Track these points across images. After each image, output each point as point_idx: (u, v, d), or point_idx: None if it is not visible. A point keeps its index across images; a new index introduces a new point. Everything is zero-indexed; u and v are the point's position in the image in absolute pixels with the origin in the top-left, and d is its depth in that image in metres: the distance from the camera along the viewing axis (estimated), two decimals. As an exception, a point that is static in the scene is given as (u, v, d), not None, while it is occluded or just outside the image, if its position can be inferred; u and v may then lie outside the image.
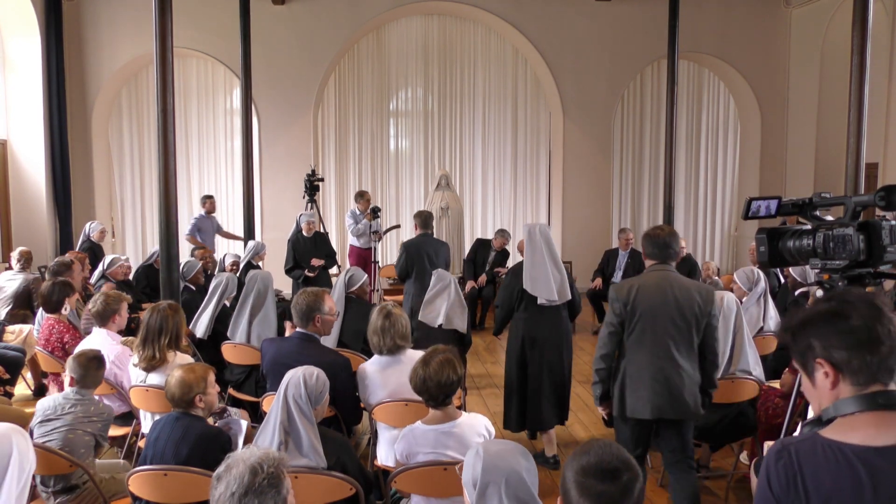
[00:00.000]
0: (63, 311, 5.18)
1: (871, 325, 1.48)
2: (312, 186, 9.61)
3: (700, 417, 3.74)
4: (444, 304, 5.12)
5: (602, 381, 3.71)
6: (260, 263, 7.97)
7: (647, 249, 3.72)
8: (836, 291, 1.59)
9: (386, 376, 3.80)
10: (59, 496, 3.39)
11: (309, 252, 8.05)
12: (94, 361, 3.63)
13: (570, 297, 4.86)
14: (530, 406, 4.91)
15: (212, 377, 3.21)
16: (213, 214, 9.91)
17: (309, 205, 9.48)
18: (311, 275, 7.88)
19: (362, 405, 4.03)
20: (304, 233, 8.13)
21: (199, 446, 3.00)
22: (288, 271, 8.10)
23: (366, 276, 5.49)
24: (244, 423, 3.33)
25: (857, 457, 1.43)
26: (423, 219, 6.83)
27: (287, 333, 4.42)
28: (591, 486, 1.66)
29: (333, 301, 4.20)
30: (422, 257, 6.49)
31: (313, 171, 9.86)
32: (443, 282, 5.18)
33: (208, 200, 9.80)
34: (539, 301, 4.79)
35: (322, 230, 8.59)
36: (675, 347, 3.56)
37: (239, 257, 7.91)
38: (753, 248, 4.15)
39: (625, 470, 1.68)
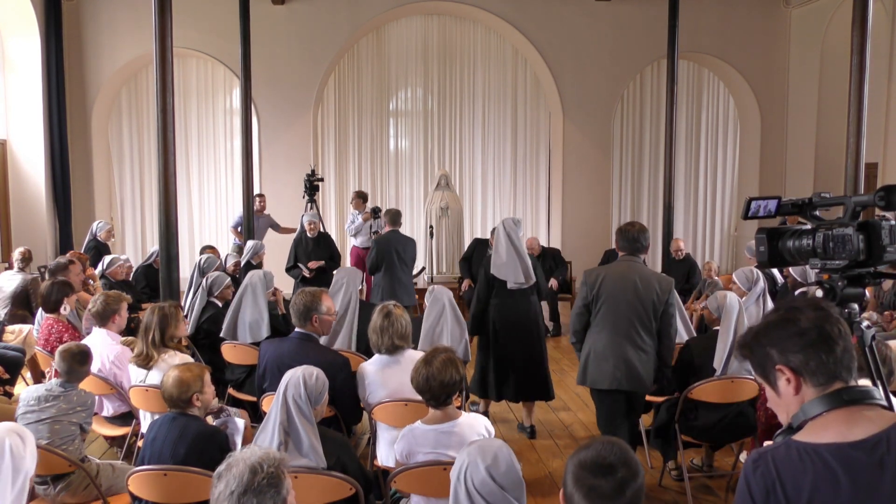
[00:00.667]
0: (62, 311, 5.17)
1: (821, 325, 1.52)
2: (312, 186, 9.57)
3: (649, 390, 4.26)
4: (442, 334, 4.72)
5: (580, 352, 4.32)
6: (260, 263, 7.97)
7: (619, 243, 4.20)
8: (784, 301, 1.61)
9: (386, 376, 3.81)
10: (56, 483, 3.40)
11: (310, 252, 8.03)
12: (78, 357, 3.60)
13: (534, 279, 5.29)
14: (509, 381, 5.30)
15: (208, 376, 3.22)
16: (266, 213, 9.88)
17: (309, 205, 9.45)
18: (307, 275, 7.86)
19: (362, 405, 4.03)
20: (308, 233, 8.11)
21: (197, 445, 3.00)
22: (287, 270, 8.10)
23: (360, 275, 5.53)
24: (241, 423, 3.33)
25: (832, 455, 1.45)
26: (392, 216, 7.32)
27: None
28: (585, 480, 1.69)
29: (332, 301, 4.20)
30: (391, 253, 7.05)
31: (313, 171, 9.82)
32: (438, 305, 4.76)
33: (259, 199, 9.73)
34: (509, 285, 5.24)
35: (321, 230, 8.57)
36: (634, 329, 4.07)
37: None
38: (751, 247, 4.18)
39: (621, 467, 1.69)
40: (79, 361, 3.60)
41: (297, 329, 4.04)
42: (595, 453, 1.72)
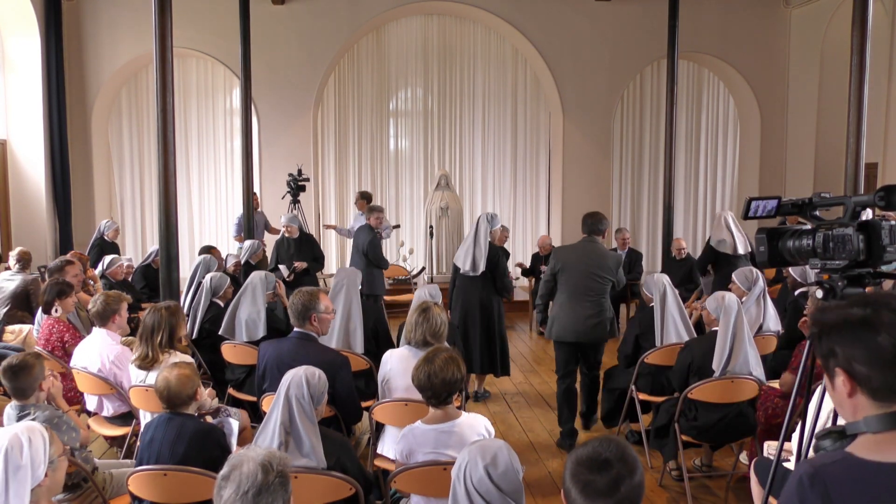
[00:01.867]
0: (53, 313, 5.11)
1: None
2: (298, 187, 9.36)
3: (605, 339, 5.19)
4: None
5: (540, 312, 5.31)
6: (261, 262, 7.96)
7: (583, 227, 5.22)
8: (874, 297, 1.43)
9: (409, 365, 3.81)
10: (62, 492, 3.38)
11: (292, 254, 7.87)
12: (7, 372, 3.27)
13: (480, 269, 5.93)
14: (466, 352, 5.95)
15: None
16: (260, 210, 9.81)
17: (291, 206, 9.31)
18: (287, 278, 7.65)
19: (368, 403, 4.03)
20: (287, 235, 7.98)
21: (195, 443, 3.00)
22: (269, 272, 8.02)
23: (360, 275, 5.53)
24: (236, 424, 3.33)
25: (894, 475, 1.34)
26: (375, 212, 8.11)
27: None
28: (582, 475, 1.69)
29: (329, 300, 4.21)
30: (354, 245, 8.07)
31: (299, 171, 9.57)
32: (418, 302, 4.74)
33: (252, 197, 9.62)
34: (462, 271, 6.02)
35: (304, 231, 8.42)
36: (588, 294, 5.03)
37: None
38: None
39: (617, 463, 1.69)
40: (13, 374, 3.24)
41: (295, 329, 4.05)
42: (592, 450, 1.71)
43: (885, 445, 1.38)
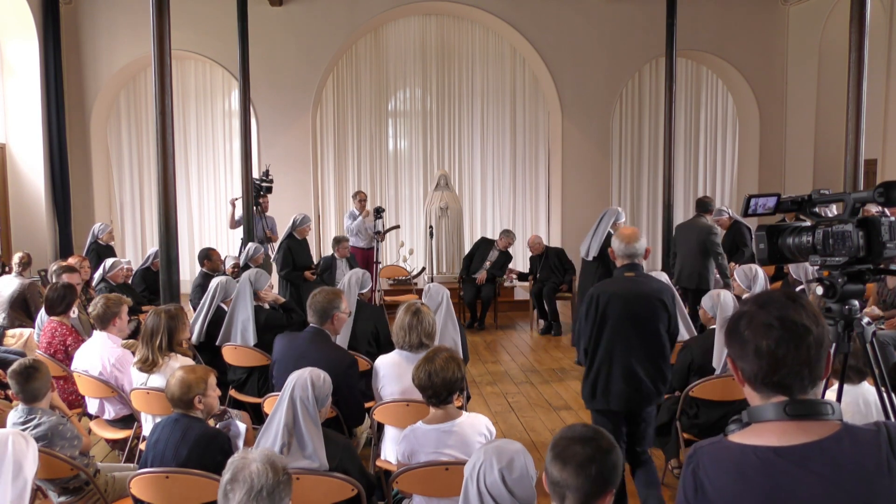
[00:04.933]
0: (71, 315, 5.16)
1: (760, 344, 1.47)
2: (260, 189, 9.01)
3: (706, 288, 6.88)
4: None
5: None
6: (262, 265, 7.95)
7: (696, 208, 7.59)
8: (771, 296, 1.52)
9: (402, 371, 3.82)
10: (65, 495, 3.39)
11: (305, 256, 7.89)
12: (22, 375, 3.30)
13: (591, 256, 7.00)
14: None
15: (212, 380, 3.20)
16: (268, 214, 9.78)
17: (255, 210, 9.19)
18: (310, 278, 7.71)
19: (370, 405, 4.04)
20: (297, 236, 7.96)
21: (198, 447, 3.00)
22: (286, 274, 7.99)
23: (370, 277, 5.51)
24: (243, 426, 3.33)
25: (757, 457, 1.47)
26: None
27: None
28: (564, 447, 1.79)
29: (347, 300, 4.26)
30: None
31: (266, 172, 9.18)
32: (434, 301, 4.83)
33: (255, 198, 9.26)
34: (581, 255, 7.41)
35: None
36: (697, 255, 7.04)
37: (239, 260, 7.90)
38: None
39: (599, 438, 1.80)
40: (25, 378, 3.29)
41: (311, 325, 4.10)
42: (572, 430, 1.85)
43: (752, 432, 1.53)
